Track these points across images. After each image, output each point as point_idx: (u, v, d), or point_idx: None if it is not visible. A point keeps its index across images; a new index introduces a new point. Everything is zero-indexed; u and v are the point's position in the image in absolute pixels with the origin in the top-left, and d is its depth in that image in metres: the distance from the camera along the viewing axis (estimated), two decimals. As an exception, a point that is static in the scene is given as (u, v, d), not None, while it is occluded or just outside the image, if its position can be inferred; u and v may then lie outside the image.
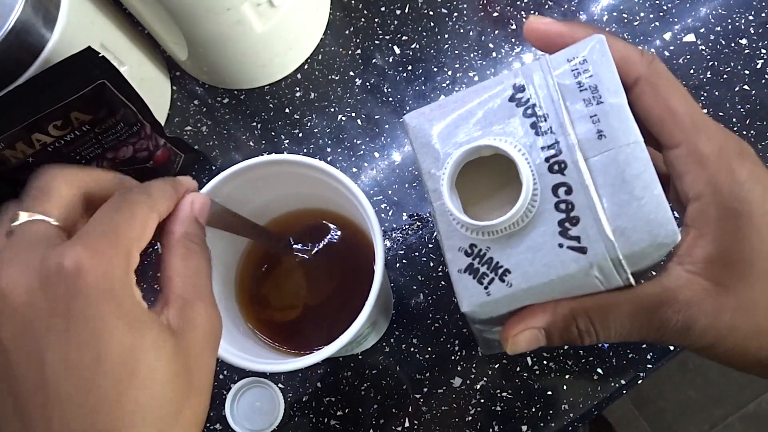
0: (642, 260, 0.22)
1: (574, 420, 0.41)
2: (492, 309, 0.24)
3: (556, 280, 0.22)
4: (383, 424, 0.42)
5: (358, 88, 0.49)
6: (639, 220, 0.21)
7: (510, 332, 0.24)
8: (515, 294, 0.23)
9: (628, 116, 0.22)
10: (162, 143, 0.43)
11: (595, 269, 0.22)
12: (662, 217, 0.21)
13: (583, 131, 0.22)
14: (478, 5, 0.50)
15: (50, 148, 0.36)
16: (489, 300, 0.23)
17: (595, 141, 0.22)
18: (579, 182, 0.22)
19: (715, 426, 1.15)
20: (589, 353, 0.42)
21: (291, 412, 0.43)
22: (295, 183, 0.35)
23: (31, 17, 0.35)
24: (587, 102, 0.22)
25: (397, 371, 0.43)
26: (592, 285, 0.22)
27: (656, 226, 0.21)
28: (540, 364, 0.42)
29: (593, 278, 0.22)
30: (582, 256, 0.21)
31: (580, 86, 0.22)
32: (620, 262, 0.21)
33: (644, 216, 0.21)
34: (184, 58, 0.48)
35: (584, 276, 0.22)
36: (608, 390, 0.41)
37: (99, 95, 0.35)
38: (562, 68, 0.23)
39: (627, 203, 0.21)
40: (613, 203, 0.21)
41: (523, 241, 0.23)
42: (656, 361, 0.41)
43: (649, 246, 0.21)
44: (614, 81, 0.22)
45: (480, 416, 0.41)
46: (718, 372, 1.16)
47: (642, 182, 0.21)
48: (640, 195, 0.21)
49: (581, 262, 0.22)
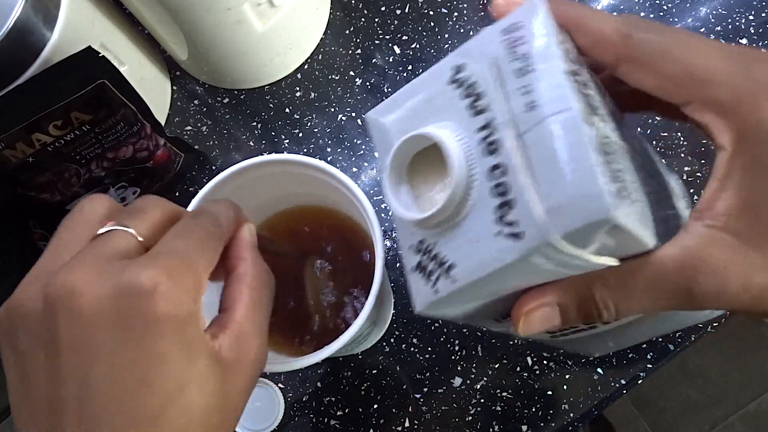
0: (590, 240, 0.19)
1: (575, 420, 0.41)
2: (443, 308, 0.22)
3: (497, 271, 0.20)
4: (383, 424, 0.42)
5: (358, 88, 0.49)
6: (569, 196, 0.18)
7: (522, 310, 0.22)
8: (461, 290, 0.21)
9: (558, 82, 0.19)
10: (162, 143, 0.43)
11: (536, 256, 0.19)
12: (591, 190, 0.18)
13: (516, 105, 0.20)
14: (478, 5, 0.50)
15: (50, 148, 0.36)
16: (437, 299, 0.21)
17: (527, 114, 0.19)
18: (512, 161, 0.19)
19: (715, 426, 1.15)
20: (589, 353, 0.42)
21: (291, 411, 0.43)
22: (296, 183, 0.35)
23: (32, 17, 0.35)
24: (521, 72, 0.20)
25: (398, 371, 0.43)
26: (546, 273, 0.20)
27: (588, 200, 0.18)
28: (540, 364, 0.42)
29: (541, 266, 0.20)
30: (517, 244, 0.19)
31: (514, 56, 0.20)
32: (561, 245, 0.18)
33: (575, 191, 0.18)
34: (184, 58, 0.48)
35: (526, 265, 0.19)
36: (608, 390, 0.41)
37: (99, 95, 0.35)
38: (498, 40, 0.21)
39: (558, 179, 0.18)
40: (545, 181, 0.19)
41: (464, 233, 0.21)
42: (656, 361, 0.41)
43: (584, 225, 0.18)
44: (547, 44, 0.20)
45: (480, 416, 0.41)
46: (719, 372, 1.16)
47: (573, 154, 0.18)
48: (571, 168, 0.18)
49: (517, 251, 0.19)
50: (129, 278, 0.19)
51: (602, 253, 0.20)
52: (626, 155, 0.20)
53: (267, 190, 0.36)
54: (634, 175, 0.20)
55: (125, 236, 0.21)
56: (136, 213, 0.22)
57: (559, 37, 0.20)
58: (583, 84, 0.20)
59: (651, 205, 0.21)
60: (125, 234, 0.22)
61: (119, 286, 0.19)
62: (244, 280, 0.24)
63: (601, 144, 0.19)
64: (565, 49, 0.20)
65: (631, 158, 0.21)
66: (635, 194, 0.19)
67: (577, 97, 0.19)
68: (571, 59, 0.20)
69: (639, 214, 0.19)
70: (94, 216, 0.22)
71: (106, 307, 0.19)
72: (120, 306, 0.19)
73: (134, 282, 0.19)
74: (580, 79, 0.20)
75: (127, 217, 0.22)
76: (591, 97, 0.20)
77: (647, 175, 0.22)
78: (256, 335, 0.23)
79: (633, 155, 0.21)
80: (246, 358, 0.22)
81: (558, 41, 0.20)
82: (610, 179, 0.18)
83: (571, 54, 0.21)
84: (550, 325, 0.22)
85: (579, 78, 0.20)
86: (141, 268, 0.19)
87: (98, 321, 0.19)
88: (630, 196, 0.19)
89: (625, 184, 0.19)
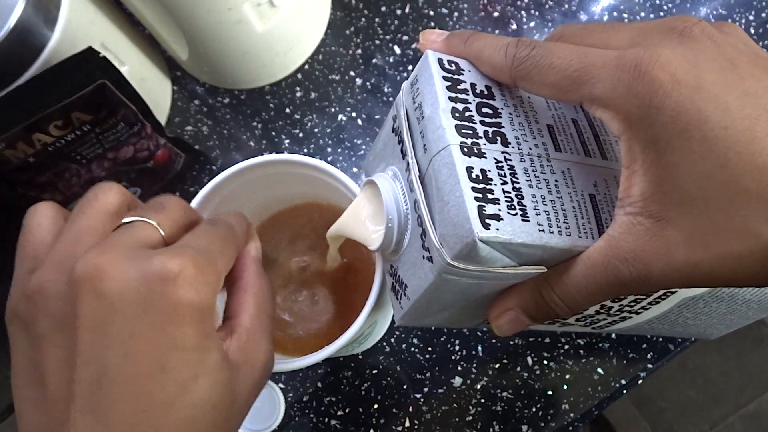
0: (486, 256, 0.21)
1: (575, 420, 0.41)
2: (415, 320, 0.26)
3: (428, 289, 0.23)
4: (384, 424, 0.42)
5: (358, 88, 0.49)
6: (450, 224, 0.21)
7: (491, 316, 0.24)
8: (414, 307, 0.24)
9: (438, 124, 0.22)
10: (163, 143, 0.43)
11: (447, 275, 0.22)
12: (462, 217, 0.20)
13: (418, 148, 0.23)
14: (478, 5, 0.50)
15: (51, 148, 0.36)
16: (403, 314, 0.26)
17: (424, 155, 0.23)
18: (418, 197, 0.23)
19: (715, 426, 1.15)
20: (589, 353, 0.42)
21: (291, 411, 0.43)
22: (296, 183, 0.35)
23: (32, 17, 0.35)
24: (419, 119, 0.23)
25: (398, 371, 0.43)
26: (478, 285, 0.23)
27: (460, 228, 0.21)
28: (540, 364, 0.42)
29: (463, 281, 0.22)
30: (432, 265, 0.22)
31: (414, 104, 0.24)
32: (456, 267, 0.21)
33: (452, 219, 0.21)
34: (185, 58, 0.48)
35: (446, 282, 0.22)
36: (609, 390, 0.41)
37: (99, 95, 0.35)
38: (407, 91, 0.24)
39: (442, 210, 0.22)
40: (437, 212, 0.22)
41: (408, 257, 0.25)
42: (656, 361, 0.41)
43: (463, 248, 0.21)
44: (431, 92, 0.23)
45: (480, 416, 0.41)
46: (719, 372, 1.16)
47: (449, 186, 0.21)
48: (448, 199, 0.21)
49: (434, 271, 0.22)
50: (157, 263, 0.20)
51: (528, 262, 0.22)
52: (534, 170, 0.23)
53: (267, 190, 0.36)
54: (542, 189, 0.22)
55: (150, 228, 0.22)
56: (160, 208, 0.23)
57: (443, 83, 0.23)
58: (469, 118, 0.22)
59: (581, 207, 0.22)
60: (149, 226, 0.22)
61: (147, 270, 0.19)
62: (249, 290, 0.24)
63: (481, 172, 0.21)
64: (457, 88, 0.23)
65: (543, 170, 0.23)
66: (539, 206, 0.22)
67: (454, 134, 0.22)
68: (460, 98, 0.23)
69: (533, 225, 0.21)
70: (112, 205, 0.23)
71: (132, 290, 0.19)
72: (146, 290, 0.19)
73: (162, 267, 0.19)
74: (469, 114, 0.23)
75: (150, 210, 0.23)
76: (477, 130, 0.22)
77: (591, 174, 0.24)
78: (263, 341, 0.23)
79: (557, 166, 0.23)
80: (253, 362, 0.23)
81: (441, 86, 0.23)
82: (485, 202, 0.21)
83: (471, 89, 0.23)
84: (521, 327, 0.24)
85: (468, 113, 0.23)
86: (169, 255, 0.20)
87: (122, 303, 0.19)
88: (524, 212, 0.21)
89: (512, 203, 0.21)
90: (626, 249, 0.20)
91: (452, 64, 0.24)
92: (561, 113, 0.25)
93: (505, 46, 0.23)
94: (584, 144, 0.24)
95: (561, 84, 0.21)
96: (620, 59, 0.19)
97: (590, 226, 0.22)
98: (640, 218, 0.20)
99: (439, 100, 0.22)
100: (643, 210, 0.20)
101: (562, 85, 0.21)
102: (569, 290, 0.22)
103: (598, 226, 0.22)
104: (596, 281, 0.21)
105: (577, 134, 0.24)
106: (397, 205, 0.25)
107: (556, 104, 0.25)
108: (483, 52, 0.23)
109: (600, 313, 0.29)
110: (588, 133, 0.25)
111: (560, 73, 0.21)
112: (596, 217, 0.22)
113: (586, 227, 0.22)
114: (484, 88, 0.24)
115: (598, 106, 0.20)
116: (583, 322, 0.30)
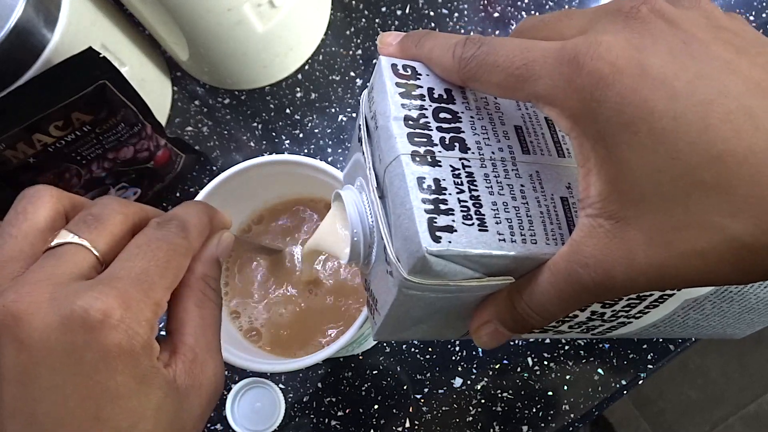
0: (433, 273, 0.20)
1: (575, 420, 0.41)
2: (390, 335, 0.25)
3: (393, 304, 0.22)
4: (384, 425, 0.42)
5: (359, 89, 0.49)
6: (401, 238, 0.20)
7: (471, 329, 0.23)
8: (385, 323, 0.24)
9: (390, 133, 0.21)
10: (163, 143, 0.43)
11: (408, 289, 0.21)
12: (412, 230, 0.19)
13: (376, 159, 0.22)
14: (478, 6, 0.50)
15: (51, 149, 0.36)
16: (378, 330, 0.25)
17: (380, 165, 0.22)
18: (376, 211, 0.22)
19: (715, 426, 1.15)
20: (589, 354, 0.42)
21: (291, 412, 0.43)
22: (296, 183, 0.35)
23: (32, 18, 0.35)
24: (375, 128, 0.22)
25: (398, 372, 0.43)
26: (444, 298, 0.21)
27: (410, 242, 0.20)
28: (540, 364, 0.42)
29: (426, 295, 0.21)
30: (393, 279, 0.21)
31: (371, 113, 0.23)
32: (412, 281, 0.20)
33: (403, 233, 0.20)
34: (185, 59, 0.48)
35: (409, 296, 0.21)
36: (609, 390, 0.41)
37: (100, 96, 0.35)
38: (365, 99, 0.23)
39: (395, 223, 0.21)
40: (392, 225, 0.21)
41: (375, 272, 0.24)
42: (657, 362, 0.41)
43: (416, 262, 0.19)
44: (383, 100, 0.22)
45: (481, 417, 0.41)
46: (719, 372, 1.16)
47: (400, 198, 0.20)
48: (400, 212, 0.20)
49: (396, 286, 0.21)
50: (80, 306, 0.18)
51: (494, 272, 0.21)
52: (497, 175, 0.21)
53: (267, 191, 0.36)
54: (505, 195, 0.21)
55: (81, 252, 0.20)
56: (94, 222, 0.21)
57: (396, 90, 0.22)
58: (424, 125, 0.21)
59: (550, 211, 0.21)
60: (81, 249, 0.20)
61: (70, 315, 0.18)
62: (190, 296, 0.22)
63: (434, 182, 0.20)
64: (412, 94, 0.22)
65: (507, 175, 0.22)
66: (501, 214, 0.20)
67: (405, 144, 0.21)
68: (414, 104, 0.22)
69: (491, 235, 0.20)
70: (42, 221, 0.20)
71: (54, 338, 0.18)
72: (70, 337, 0.18)
73: (86, 312, 0.18)
74: (424, 120, 0.21)
75: (83, 227, 0.20)
76: (432, 137, 0.21)
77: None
78: (210, 357, 0.22)
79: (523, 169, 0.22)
80: (202, 382, 0.21)
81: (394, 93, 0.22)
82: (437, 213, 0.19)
83: (428, 94, 0.22)
84: (502, 339, 0.23)
85: (424, 120, 0.21)
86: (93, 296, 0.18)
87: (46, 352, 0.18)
88: (482, 221, 0.20)
89: (468, 212, 0.20)
90: (587, 254, 0.18)
91: (407, 68, 0.22)
92: (532, 112, 0.23)
93: (453, 46, 0.21)
94: (557, 143, 0.23)
95: (507, 83, 0.19)
96: (560, 52, 0.18)
97: (560, 231, 0.21)
98: (600, 220, 0.18)
99: (391, 108, 0.21)
100: (602, 211, 0.18)
101: (508, 84, 0.19)
102: (538, 299, 0.20)
103: (570, 230, 0.21)
104: (560, 289, 0.20)
105: (550, 134, 0.23)
106: (361, 217, 0.24)
107: (527, 104, 0.24)
108: (433, 53, 0.22)
109: (593, 319, 0.27)
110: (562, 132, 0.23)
111: (504, 72, 0.19)
112: (568, 221, 0.21)
113: (555, 233, 0.21)
114: (444, 92, 0.22)
115: (544, 104, 0.19)
116: (578, 329, 0.29)
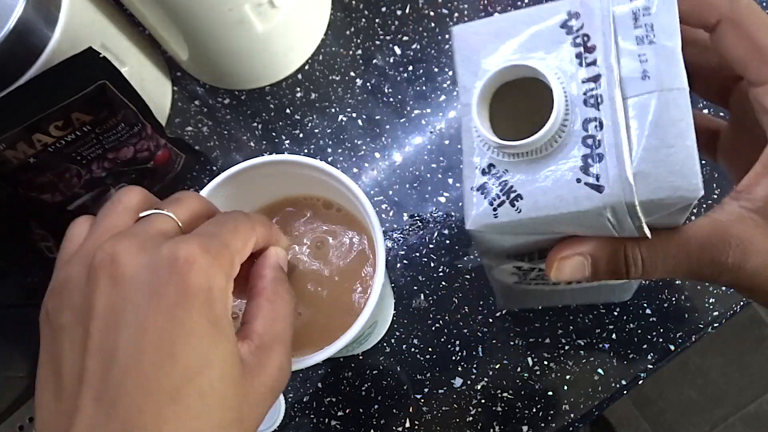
0: (658, 211, 0.21)
1: (575, 420, 0.41)
2: (495, 232, 0.24)
3: (566, 214, 0.21)
4: (384, 425, 0.42)
5: (358, 89, 0.49)
6: (664, 168, 0.20)
7: (557, 255, 0.23)
8: (522, 221, 0.22)
9: (678, 61, 0.20)
10: (163, 144, 0.43)
11: (608, 211, 0.21)
12: (689, 169, 0.19)
13: (628, 69, 0.21)
14: (479, 5, 0.50)
15: (51, 149, 0.36)
16: (495, 222, 0.23)
17: (638, 81, 0.21)
18: (612, 119, 0.21)
19: (715, 426, 1.15)
20: (589, 354, 0.42)
21: (292, 412, 0.43)
22: (296, 183, 0.35)
23: (32, 18, 0.35)
24: (639, 40, 0.21)
25: (398, 372, 0.43)
26: (603, 227, 0.22)
27: (680, 177, 0.19)
28: (540, 364, 0.42)
29: (605, 220, 0.21)
30: (597, 195, 0.21)
31: (636, 23, 0.21)
32: (635, 208, 0.20)
33: (670, 165, 0.20)
34: (185, 59, 0.48)
35: (596, 216, 0.21)
36: (609, 390, 0.41)
37: (100, 96, 0.35)
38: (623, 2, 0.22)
39: (656, 149, 0.20)
40: (642, 146, 0.20)
41: (542, 170, 0.22)
42: (657, 362, 0.41)
43: (668, 197, 0.20)
44: (672, 23, 0.21)
45: (481, 417, 0.41)
46: (719, 372, 1.16)
47: (677, 130, 0.20)
48: (672, 143, 0.20)
49: (595, 201, 0.21)
50: (168, 250, 0.20)
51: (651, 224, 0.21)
52: None
53: (267, 191, 0.36)
54: None
55: (166, 219, 0.23)
56: (176, 201, 0.24)
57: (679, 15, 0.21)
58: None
59: None
60: (166, 217, 0.23)
61: (158, 256, 0.20)
62: (263, 295, 0.24)
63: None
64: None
65: None
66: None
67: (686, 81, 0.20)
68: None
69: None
70: (132, 204, 0.24)
71: (142, 277, 0.20)
72: (156, 276, 0.20)
73: (172, 254, 0.20)
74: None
75: (167, 204, 0.24)
76: None
77: None
78: (277, 347, 0.23)
79: None
80: (266, 366, 0.23)
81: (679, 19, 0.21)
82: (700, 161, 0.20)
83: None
84: (581, 275, 0.23)
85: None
86: (178, 243, 0.21)
87: (134, 288, 0.20)
88: None
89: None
90: (733, 234, 0.21)
91: None
92: None
93: None
94: None
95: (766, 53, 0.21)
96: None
97: None
98: (753, 215, 0.21)
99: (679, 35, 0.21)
100: (760, 210, 0.21)
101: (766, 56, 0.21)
102: (657, 255, 0.22)
103: None
104: (690, 256, 0.22)
105: None
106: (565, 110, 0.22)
107: None
108: None
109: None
110: None
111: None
112: None
113: None
114: None
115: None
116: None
